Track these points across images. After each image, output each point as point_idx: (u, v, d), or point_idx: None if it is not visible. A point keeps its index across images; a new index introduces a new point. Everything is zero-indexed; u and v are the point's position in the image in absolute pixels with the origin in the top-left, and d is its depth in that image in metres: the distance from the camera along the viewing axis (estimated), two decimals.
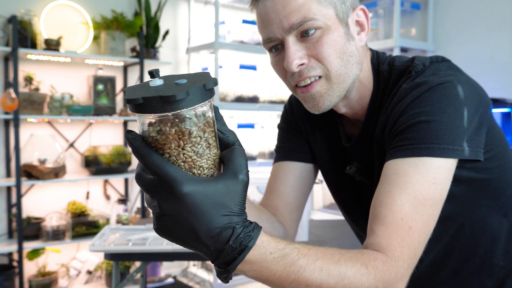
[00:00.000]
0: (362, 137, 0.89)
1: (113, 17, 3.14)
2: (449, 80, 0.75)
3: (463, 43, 3.21)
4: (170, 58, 3.57)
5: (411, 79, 0.79)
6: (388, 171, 0.72)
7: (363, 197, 0.94)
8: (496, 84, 2.92)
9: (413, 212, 0.67)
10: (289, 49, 0.77)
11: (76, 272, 3.13)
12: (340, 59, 0.79)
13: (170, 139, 0.52)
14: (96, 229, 3.00)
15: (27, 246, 2.79)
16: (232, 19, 3.52)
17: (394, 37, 3.22)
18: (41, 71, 3.03)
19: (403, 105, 0.76)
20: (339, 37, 0.79)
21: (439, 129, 0.71)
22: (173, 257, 1.80)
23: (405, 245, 0.66)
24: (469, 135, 0.74)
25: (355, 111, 0.89)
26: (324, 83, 0.80)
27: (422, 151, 0.70)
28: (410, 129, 0.73)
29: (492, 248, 0.86)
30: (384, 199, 0.69)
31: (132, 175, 3.22)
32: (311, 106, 0.83)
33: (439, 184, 0.70)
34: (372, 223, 0.70)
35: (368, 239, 0.69)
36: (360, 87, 0.86)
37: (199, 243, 0.51)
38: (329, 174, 1.01)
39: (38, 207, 3.03)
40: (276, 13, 0.77)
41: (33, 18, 2.87)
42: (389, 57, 0.89)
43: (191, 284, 3.47)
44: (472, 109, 0.74)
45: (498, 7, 3.01)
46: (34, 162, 2.84)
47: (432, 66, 0.80)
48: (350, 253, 0.62)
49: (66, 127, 3.16)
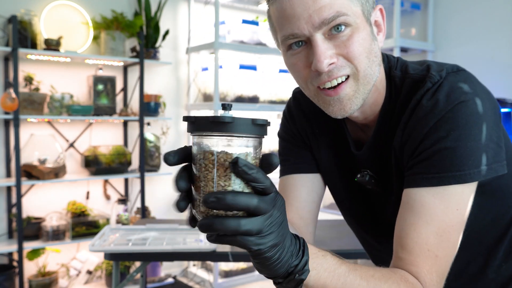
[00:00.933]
0: (374, 144, 0.86)
1: (113, 17, 3.14)
2: (469, 97, 0.73)
3: (463, 43, 3.21)
4: (170, 58, 3.57)
5: (430, 94, 0.75)
6: (413, 201, 0.73)
7: (373, 205, 0.92)
8: (496, 84, 2.92)
9: (439, 241, 0.71)
10: (318, 47, 0.73)
11: (76, 272, 3.13)
12: (367, 59, 0.76)
13: (211, 167, 0.54)
14: (96, 229, 3.00)
15: (27, 246, 2.79)
16: (232, 19, 3.52)
17: (394, 37, 3.22)
18: (41, 71, 3.03)
19: (426, 127, 0.74)
20: (367, 36, 0.76)
21: (464, 155, 0.71)
22: (173, 257, 1.80)
23: (434, 272, 0.71)
24: (493, 151, 0.74)
25: (366, 116, 0.85)
26: (353, 83, 0.76)
27: (446, 180, 0.71)
28: (435, 156, 0.72)
29: (495, 249, 0.87)
30: (410, 231, 0.72)
31: (132, 175, 3.22)
32: (337, 110, 0.78)
33: (463, 209, 0.72)
34: (399, 251, 0.73)
35: (397, 262, 0.73)
36: (375, 92, 0.83)
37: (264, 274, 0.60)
38: (334, 181, 0.97)
39: (38, 207, 3.03)
40: (304, 7, 0.71)
41: (33, 18, 2.87)
42: (400, 61, 0.86)
43: (191, 284, 3.47)
44: (491, 124, 0.74)
45: (498, 8, 3.01)
46: (34, 162, 2.84)
47: (449, 77, 0.76)
48: (383, 271, 0.68)
49: (66, 127, 3.16)
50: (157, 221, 2.43)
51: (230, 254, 1.78)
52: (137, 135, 3.37)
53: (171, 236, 1.90)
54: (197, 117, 0.54)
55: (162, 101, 3.41)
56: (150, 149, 3.37)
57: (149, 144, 3.37)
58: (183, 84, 3.68)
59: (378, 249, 0.94)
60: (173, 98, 3.61)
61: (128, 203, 3.33)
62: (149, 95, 3.30)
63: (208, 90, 3.53)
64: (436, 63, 0.82)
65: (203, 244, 1.80)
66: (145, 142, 3.33)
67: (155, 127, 3.53)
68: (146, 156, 3.34)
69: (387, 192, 0.87)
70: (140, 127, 3.24)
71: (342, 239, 1.94)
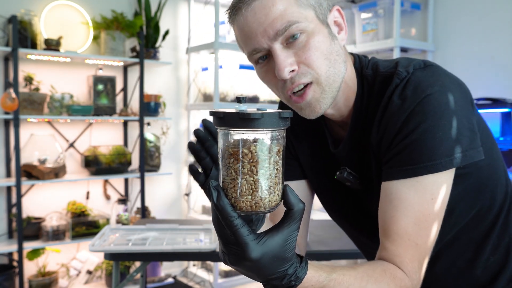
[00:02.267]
0: (350, 141, 0.89)
1: (113, 17, 3.14)
2: (435, 90, 0.76)
3: (463, 43, 3.21)
4: (170, 58, 3.57)
5: (399, 90, 0.79)
6: (390, 194, 0.78)
7: (358, 203, 0.94)
8: (496, 84, 2.92)
9: (417, 230, 0.76)
10: (278, 57, 0.77)
11: (76, 272, 3.13)
12: (328, 60, 0.79)
13: (239, 158, 0.57)
14: (96, 229, 3.00)
15: (27, 246, 2.79)
16: None
17: (394, 37, 3.22)
18: (41, 71, 3.03)
19: (398, 122, 0.78)
20: (324, 37, 0.79)
21: (433, 146, 0.75)
22: (173, 257, 1.80)
23: (415, 259, 0.76)
24: (467, 138, 0.76)
25: (341, 113, 0.89)
26: (316, 88, 0.80)
27: (418, 170, 0.75)
28: (407, 149, 0.76)
29: (484, 243, 0.89)
30: (391, 223, 0.77)
31: (132, 175, 3.22)
32: (308, 113, 0.83)
33: (438, 198, 0.76)
34: (384, 240, 0.78)
35: (381, 252, 0.78)
36: (345, 88, 0.86)
37: (255, 279, 0.63)
38: (319, 183, 1.00)
39: (38, 207, 3.03)
40: (258, 22, 0.76)
41: (33, 18, 2.87)
42: (372, 60, 0.89)
43: (191, 284, 3.47)
44: (463, 112, 0.77)
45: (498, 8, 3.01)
46: (34, 162, 2.84)
47: (416, 73, 0.80)
48: (376, 273, 0.72)
49: (66, 127, 3.16)
50: (157, 221, 2.43)
51: None
52: (137, 135, 3.37)
53: (171, 236, 1.90)
54: (225, 112, 0.57)
55: (162, 101, 3.41)
56: (150, 149, 3.37)
57: (149, 144, 3.37)
58: (183, 84, 3.68)
59: (371, 246, 0.95)
60: (173, 98, 3.61)
61: (128, 203, 3.33)
62: (149, 95, 3.30)
63: (208, 90, 3.53)
64: (406, 59, 0.86)
65: (203, 244, 1.80)
66: (145, 142, 3.33)
67: (155, 127, 3.53)
68: (146, 156, 3.34)
69: (367, 188, 0.89)
70: (140, 127, 3.24)
71: (342, 239, 1.94)
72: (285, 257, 0.60)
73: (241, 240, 0.57)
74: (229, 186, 0.58)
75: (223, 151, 0.59)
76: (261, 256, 0.58)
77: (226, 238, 0.59)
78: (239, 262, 0.59)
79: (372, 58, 0.90)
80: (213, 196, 0.57)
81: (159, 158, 3.42)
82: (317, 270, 0.65)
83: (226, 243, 0.59)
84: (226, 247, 0.59)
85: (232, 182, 0.58)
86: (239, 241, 0.57)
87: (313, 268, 0.65)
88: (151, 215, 3.45)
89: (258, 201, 0.58)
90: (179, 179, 3.70)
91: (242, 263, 0.59)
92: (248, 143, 0.57)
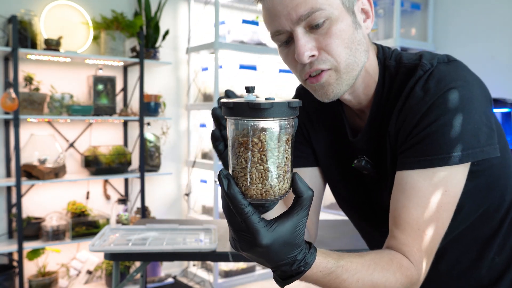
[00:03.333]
0: (369, 130, 0.89)
1: (113, 17, 3.14)
2: (459, 84, 0.77)
3: (463, 43, 3.21)
4: (170, 58, 3.57)
5: (422, 82, 0.79)
6: (405, 183, 0.78)
7: (371, 192, 0.94)
8: (496, 84, 2.92)
9: (428, 221, 0.76)
10: (299, 41, 0.78)
11: (76, 272, 3.13)
12: (348, 49, 0.80)
13: (249, 147, 0.58)
14: (96, 229, 3.00)
15: (27, 246, 2.79)
16: (232, 19, 3.52)
17: (394, 37, 3.22)
18: (41, 71, 3.03)
19: (418, 113, 0.78)
20: (347, 26, 0.79)
21: (452, 139, 0.75)
22: (173, 257, 1.80)
23: (423, 250, 0.77)
24: (485, 134, 0.77)
25: (360, 101, 0.89)
26: (333, 74, 0.81)
27: (435, 162, 0.76)
28: (425, 140, 0.77)
29: (489, 243, 0.89)
30: (402, 212, 0.78)
31: (132, 175, 3.22)
32: (321, 95, 0.83)
33: (451, 190, 0.77)
34: (393, 229, 0.79)
35: (390, 240, 0.79)
36: (366, 77, 0.87)
37: (266, 265, 0.63)
38: (332, 171, 1.00)
39: (38, 207, 3.03)
40: (283, 5, 0.77)
41: (33, 18, 2.87)
42: (395, 51, 0.90)
43: (191, 284, 3.47)
44: (482, 109, 0.78)
45: (498, 7, 3.01)
46: (34, 162, 2.84)
47: (440, 66, 0.81)
48: (382, 262, 0.73)
49: (66, 127, 3.16)
50: (157, 221, 2.43)
51: (230, 254, 1.78)
52: (137, 135, 3.37)
53: (171, 236, 1.90)
54: (235, 102, 0.58)
55: (162, 101, 3.41)
56: (150, 149, 3.37)
57: (149, 144, 3.37)
58: (183, 84, 3.68)
59: (377, 238, 0.95)
60: (173, 98, 3.61)
61: (128, 203, 3.33)
62: (149, 95, 3.30)
63: (208, 90, 3.53)
64: (429, 53, 0.86)
65: (203, 244, 1.80)
66: (145, 142, 3.33)
67: (155, 127, 3.53)
68: (146, 156, 3.34)
69: (382, 176, 0.89)
70: (140, 127, 3.24)
71: (342, 239, 1.94)
72: (295, 243, 0.61)
73: (252, 227, 0.58)
74: (240, 174, 0.59)
75: (232, 141, 0.60)
76: (271, 242, 0.59)
77: (237, 225, 0.60)
78: (251, 248, 0.60)
79: (395, 50, 0.91)
80: (223, 184, 0.58)
81: (159, 158, 3.42)
82: (325, 256, 0.67)
83: (237, 230, 0.60)
84: (237, 234, 0.60)
85: (242, 170, 0.59)
86: (250, 228, 0.58)
87: (322, 255, 0.66)
88: (151, 215, 3.45)
89: (268, 189, 0.59)
90: (179, 179, 3.70)
91: (253, 249, 0.60)
92: (257, 132, 0.58)
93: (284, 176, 0.60)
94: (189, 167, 3.67)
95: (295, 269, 0.63)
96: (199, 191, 3.69)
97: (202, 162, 3.50)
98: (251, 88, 0.61)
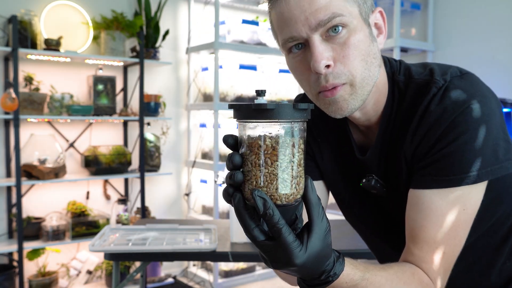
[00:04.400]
0: (379, 148, 0.87)
1: (113, 17, 3.14)
2: (476, 100, 0.75)
3: (463, 43, 3.21)
4: (170, 58, 3.57)
5: (437, 99, 0.77)
6: (422, 203, 0.77)
7: (381, 210, 0.92)
8: (496, 84, 2.92)
9: (446, 239, 0.76)
10: (316, 48, 0.74)
11: (76, 272, 3.13)
12: (364, 62, 0.77)
13: (254, 150, 0.57)
14: (96, 229, 3.00)
15: (27, 246, 2.79)
16: (232, 19, 3.52)
17: (394, 37, 3.22)
18: (41, 71, 3.03)
19: (437, 132, 0.76)
20: (364, 37, 0.77)
21: (472, 157, 0.74)
22: (173, 257, 1.80)
23: (441, 267, 0.77)
24: (503, 149, 0.76)
25: (368, 117, 0.86)
26: (348, 88, 0.77)
27: (455, 182, 0.75)
28: (445, 159, 0.75)
29: (501, 248, 0.88)
30: (419, 231, 0.77)
31: (132, 175, 3.22)
32: (334, 110, 0.79)
33: (469, 208, 0.77)
34: (411, 246, 0.79)
35: (408, 256, 0.78)
36: (375, 92, 0.83)
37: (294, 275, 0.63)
38: (339, 188, 0.97)
39: (38, 207, 3.03)
40: (301, 10, 0.73)
41: (33, 18, 2.87)
42: (403, 64, 0.87)
43: (191, 284, 3.47)
44: (499, 123, 0.76)
45: (498, 8, 3.01)
46: (34, 162, 2.84)
47: (454, 81, 0.78)
48: (405, 276, 0.73)
49: (66, 127, 3.16)
50: (157, 221, 2.43)
51: (230, 254, 1.78)
52: (137, 135, 3.37)
53: (171, 236, 1.90)
54: (241, 104, 0.58)
55: (162, 101, 3.41)
56: (150, 149, 3.37)
57: (149, 144, 3.37)
58: (183, 84, 3.68)
59: (388, 251, 0.95)
60: (173, 98, 3.61)
61: (128, 203, 3.33)
62: (149, 95, 3.30)
63: (208, 90, 3.53)
64: (438, 65, 0.83)
65: (203, 244, 1.80)
66: (145, 142, 3.33)
67: (155, 127, 3.53)
68: (146, 156, 3.34)
69: (392, 196, 0.87)
70: (140, 127, 3.24)
71: (342, 239, 1.94)
72: (326, 254, 0.61)
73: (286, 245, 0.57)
74: (246, 178, 0.58)
75: (240, 143, 0.59)
76: (305, 261, 0.58)
77: (266, 247, 0.59)
78: (283, 267, 0.60)
79: (402, 62, 0.88)
80: (258, 205, 0.56)
81: (159, 158, 3.42)
82: (353, 268, 0.66)
83: (266, 251, 0.60)
84: (267, 254, 0.60)
85: (248, 174, 0.58)
86: (285, 249, 0.57)
87: (349, 266, 0.66)
88: (151, 215, 3.45)
89: (273, 193, 0.57)
90: (179, 179, 3.70)
91: (286, 268, 0.60)
92: (262, 134, 0.57)
93: (291, 181, 0.58)
94: (189, 167, 3.67)
95: (324, 279, 0.63)
96: (199, 191, 3.69)
97: (202, 162, 3.50)
98: (262, 91, 0.59)
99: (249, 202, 0.58)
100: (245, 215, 0.58)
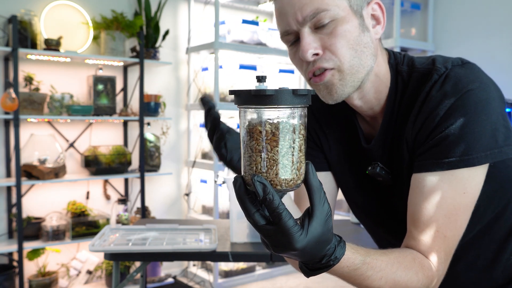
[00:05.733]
0: (383, 136, 0.89)
1: (113, 17, 3.14)
2: (475, 86, 0.77)
3: (463, 43, 3.21)
4: (170, 58, 3.57)
5: (438, 85, 0.80)
6: (423, 186, 0.79)
7: (386, 199, 0.94)
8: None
9: (447, 222, 0.77)
10: (303, 40, 0.79)
11: (76, 272, 3.13)
12: (353, 50, 0.80)
13: (254, 135, 0.58)
14: (96, 229, 3.00)
15: (27, 246, 2.79)
16: (232, 19, 3.52)
17: (394, 37, 3.22)
18: (41, 71, 3.03)
19: (436, 117, 0.78)
20: (353, 27, 0.80)
21: (471, 141, 0.76)
22: (173, 257, 1.80)
23: (442, 251, 0.78)
24: (503, 135, 0.77)
25: (371, 106, 0.89)
26: (337, 73, 0.81)
27: (454, 164, 0.76)
28: (444, 142, 0.77)
29: (505, 243, 0.89)
30: (421, 214, 0.79)
31: (132, 175, 3.22)
32: (325, 95, 0.84)
33: (470, 191, 0.78)
34: (412, 229, 0.80)
35: (409, 241, 0.80)
36: (376, 81, 0.86)
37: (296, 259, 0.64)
38: (346, 178, 0.99)
39: (38, 207, 3.03)
40: (291, 5, 0.79)
41: (33, 18, 2.87)
42: (406, 56, 0.90)
43: (191, 284, 3.47)
44: (499, 109, 0.78)
45: (498, 7, 3.01)
46: (34, 162, 2.84)
47: (455, 69, 0.81)
48: (406, 261, 0.75)
49: (66, 127, 3.16)
50: (157, 221, 2.43)
51: (230, 254, 1.78)
52: (137, 135, 3.37)
53: (171, 236, 1.90)
54: (241, 90, 0.58)
55: (162, 101, 3.41)
56: (150, 149, 3.37)
57: (149, 144, 3.37)
58: (183, 84, 3.68)
59: (391, 242, 0.96)
60: (173, 98, 3.61)
61: (128, 203, 3.33)
62: (149, 95, 3.30)
63: (208, 90, 3.54)
64: (442, 56, 0.86)
65: (203, 244, 1.80)
66: (145, 142, 3.33)
67: (155, 127, 3.53)
68: (146, 156, 3.34)
69: (397, 183, 0.89)
70: (140, 127, 3.24)
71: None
72: (327, 239, 0.62)
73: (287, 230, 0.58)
74: (246, 163, 0.59)
75: (241, 129, 0.60)
76: (306, 244, 0.59)
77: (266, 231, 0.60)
78: (284, 251, 0.61)
79: (406, 55, 0.91)
80: (258, 190, 0.57)
81: (159, 158, 3.42)
82: (354, 252, 0.68)
83: (267, 235, 0.60)
84: (269, 239, 0.61)
85: (249, 159, 0.58)
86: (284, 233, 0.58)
87: (350, 250, 0.67)
88: (151, 215, 3.45)
89: (273, 178, 0.58)
90: (179, 179, 3.70)
91: (287, 252, 0.61)
92: (262, 120, 0.57)
93: (291, 166, 0.58)
94: (189, 167, 3.67)
95: (325, 263, 0.64)
96: (199, 191, 3.69)
97: (202, 162, 3.50)
98: (262, 77, 0.60)
99: (249, 187, 0.59)
100: (246, 200, 0.59)
